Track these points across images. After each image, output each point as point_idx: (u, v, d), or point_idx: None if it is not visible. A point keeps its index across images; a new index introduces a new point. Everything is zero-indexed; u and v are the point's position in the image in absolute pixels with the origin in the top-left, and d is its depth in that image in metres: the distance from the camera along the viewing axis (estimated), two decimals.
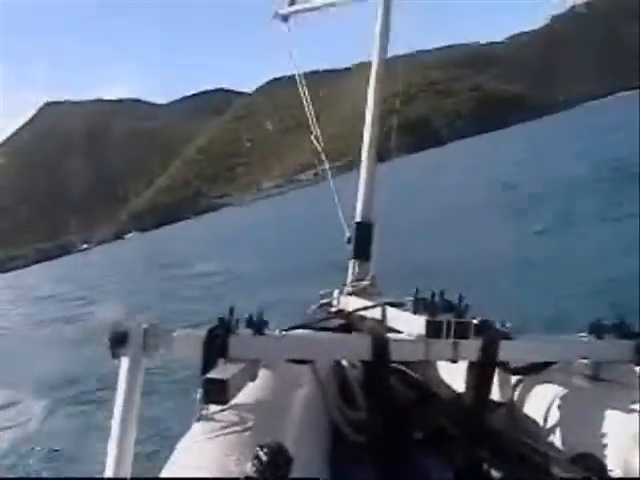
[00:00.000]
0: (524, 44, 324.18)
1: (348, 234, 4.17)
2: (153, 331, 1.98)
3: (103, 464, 1.81)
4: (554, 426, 2.13)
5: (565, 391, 2.19)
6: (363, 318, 2.93)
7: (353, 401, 2.63)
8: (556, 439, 2.09)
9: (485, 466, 2.21)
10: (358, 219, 4.13)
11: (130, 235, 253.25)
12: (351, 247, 4.12)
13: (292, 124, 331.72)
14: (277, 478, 1.42)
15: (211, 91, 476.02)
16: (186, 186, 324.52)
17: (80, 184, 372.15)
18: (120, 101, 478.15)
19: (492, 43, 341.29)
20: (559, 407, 2.14)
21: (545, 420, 2.18)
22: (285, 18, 4.97)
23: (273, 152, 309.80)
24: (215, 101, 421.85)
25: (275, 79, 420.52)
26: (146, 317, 1.95)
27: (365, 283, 3.92)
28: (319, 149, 4.89)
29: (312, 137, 4.88)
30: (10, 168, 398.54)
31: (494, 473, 2.20)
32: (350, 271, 4.07)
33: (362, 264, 4.06)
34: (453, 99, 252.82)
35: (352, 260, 4.09)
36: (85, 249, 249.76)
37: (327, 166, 4.98)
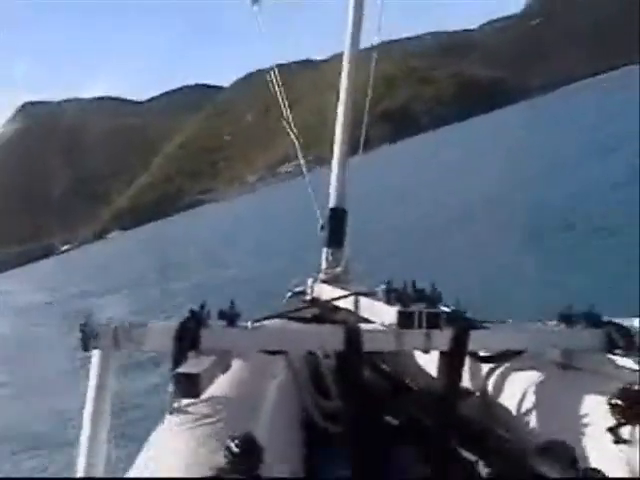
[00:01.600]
0: (502, 29, 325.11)
1: (322, 222, 4.07)
2: (124, 325, 1.98)
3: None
4: (525, 414, 2.14)
5: (536, 379, 2.21)
6: (336, 308, 2.93)
7: (326, 391, 2.63)
8: (527, 426, 2.11)
9: (458, 454, 2.22)
10: (331, 205, 4.04)
11: (112, 234, 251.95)
12: (325, 234, 4.03)
13: (271, 116, 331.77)
14: (248, 468, 1.43)
15: (189, 87, 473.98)
16: (168, 183, 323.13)
17: (61, 184, 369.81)
18: (99, 99, 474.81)
19: (466, 30, 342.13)
20: (530, 395, 2.16)
21: (516, 408, 2.19)
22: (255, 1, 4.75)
23: (254, 145, 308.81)
24: (194, 96, 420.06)
25: (251, 73, 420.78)
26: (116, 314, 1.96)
27: (338, 270, 3.88)
28: (295, 141, 4.72)
29: (288, 129, 4.72)
30: None
31: (466, 461, 2.22)
32: (323, 258, 3.99)
33: (335, 252, 3.97)
34: (434, 86, 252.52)
35: (325, 248, 4.00)
36: (67, 250, 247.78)
37: (302, 160, 4.79)
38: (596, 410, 1.90)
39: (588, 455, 1.81)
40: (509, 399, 2.23)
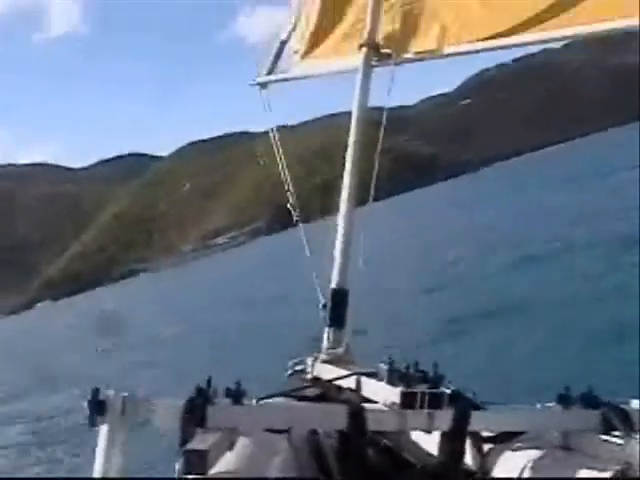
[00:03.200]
0: (437, 106, 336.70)
1: (323, 301, 4.09)
2: (132, 399, 1.99)
3: None
4: None
5: (535, 460, 2.23)
6: (339, 387, 3.03)
7: (328, 470, 2.63)
8: None
9: None
10: (333, 285, 4.01)
11: (40, 305, 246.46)
12: (326, 314, 4.02)
13: (207, 188, 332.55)
14: None
15: (126, 155, 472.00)
16: (100, 253, 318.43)
17: None
18: (35, 165, 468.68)
19: (402, 107, 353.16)
20: (529, 476, 2.19)
21: None
22: (264, 86, 5.18)
23: (189, 216, 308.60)
24: (130, 165, 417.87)
25: (191, 143, 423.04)
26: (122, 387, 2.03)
27: (340, 351, 3.86)
28: (290, 200, 4.80)
29: (287, 189, 4.81)
30: None
31: None
32: (325, 338, 3.96)
33: (337, 332, 3.95)
34: (365, 163, 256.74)
35: (327, 327, 3.99)
36: None
37: (301, 227, 4.86)
38: None
39: None
40: (508, 478, 2.28)
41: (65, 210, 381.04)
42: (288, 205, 4.71)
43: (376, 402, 2.40)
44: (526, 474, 2.22)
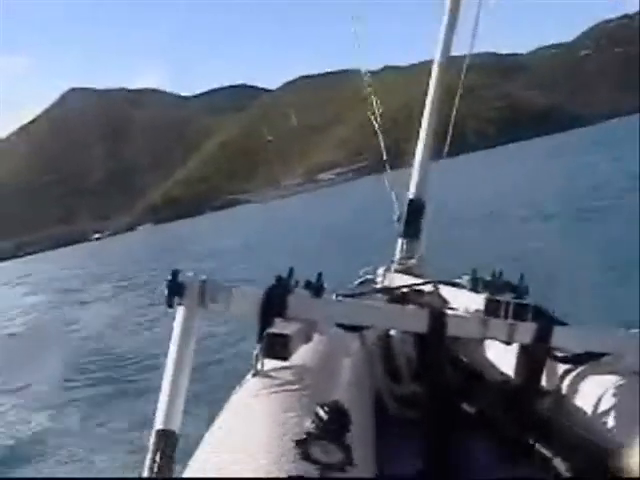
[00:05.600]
0: (553, 55, 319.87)
1: (398, 212, 4.12)
2: (211, 285, 1.98)
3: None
4: (600, 418, 2.08)
5: (614, 384, 2.14)
6: (414, 295, 2.90)
7: (398, 375, 2.61)
8: (602, 430, 2.05)
9: (532, 451, 2.18)
10: (411, 196, 4.10)
11: (142, 227, 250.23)
12: (400, 225, 4.05)
13: (315, 123, 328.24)
14: (336, 435, 1.44)
15: (236, 86, 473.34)
16: (204, 181, 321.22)
17: (98, 173, 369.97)
18: (146, 90, 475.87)
19: (515, 54, 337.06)
20: (607, 399, 2.10)
21: (592, 411, 2.14)
22: None
23: (294, 151, 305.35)
24: (239, 97, 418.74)
25: (302, 77, 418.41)
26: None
27: (412, 261, 3.88)
28: (380, 138, 4.66)
29: (376, 128, 4.64)
30: (30, 153, 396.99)
31: (542, 457, 2.17)
32: (398, 249, 4.01)
33: (411, 242, 4.01)
34: (484, 106, 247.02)
35: (400, 238, 4.03)
36: (97, 239, 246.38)
37: (384, 153, 4.67)
38: None
39: None
40: (584, 401, 2.17)
41: (174, 136, 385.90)
42: (382, 148, 4.68)
43: (456, 309, 2.37)
44: (605, 397, 2.15)
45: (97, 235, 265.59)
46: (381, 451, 2.02)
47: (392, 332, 2.64)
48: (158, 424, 1.80)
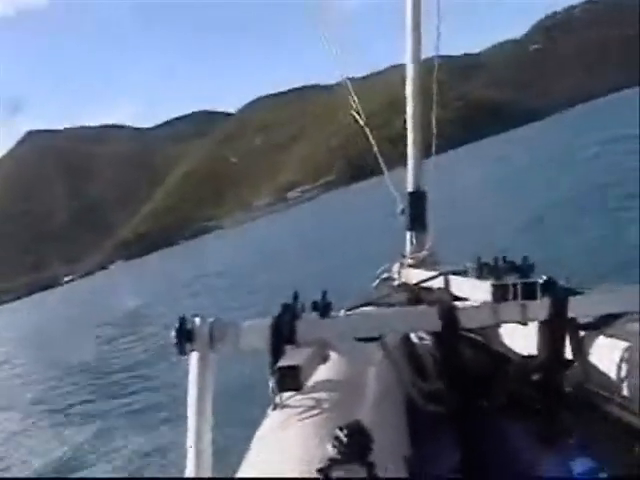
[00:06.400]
0: (506, 52, 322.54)
1: (401, 206, 4.14)
2: (219, 325, 2.01)
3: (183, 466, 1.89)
4: (628, 381, 2.07)
5: (637, 343, 2.12)
6: (428, 289, 2.92)
7: (425, 373, 2.59)
8: (630, 394, 2.05)
9: (567, 424, 2.16)
10: (410, 189, 4.14)
11: (114, 265, 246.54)
12: (405, 219, 4.10)
13: (280, 141, 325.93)
14: (359, 456, 1.43)
15: (195, 113, 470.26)
16: (171, 212, 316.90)
17: (63, 214, 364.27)
18: (105, 127, 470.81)
19: (469, 55, 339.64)
20: (631, 361, 2.09)
21: (618, 375, 2.12)
22: None
23: (261, 171, 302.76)
24: (201, 122, 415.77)
25: (262, 97, 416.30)
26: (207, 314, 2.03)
27: (424, 254, 3.91)
28: (374, 147, 4.65)
29: (370, 138, 4.63)
30: None
31: (578, 433, 2.14)
32: (408, 243, 4.08)
33: (419, 235, 4.07)
34: (442, 108, 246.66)
35: (408, 232, 4.09)
36: (69, 281, 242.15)
37: (380, 159, 4.69)
38: None
39: None
40: (610, 366, 2.16)
41: (138, 169, 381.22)
42: (375, 150, 4.68)
43: (467, 299, 2.38)
44: (628, 359, 2.12)
45: (67, 278, 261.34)
46: (419, 451, 2.03)
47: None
48: (189, 473, 1.86)
